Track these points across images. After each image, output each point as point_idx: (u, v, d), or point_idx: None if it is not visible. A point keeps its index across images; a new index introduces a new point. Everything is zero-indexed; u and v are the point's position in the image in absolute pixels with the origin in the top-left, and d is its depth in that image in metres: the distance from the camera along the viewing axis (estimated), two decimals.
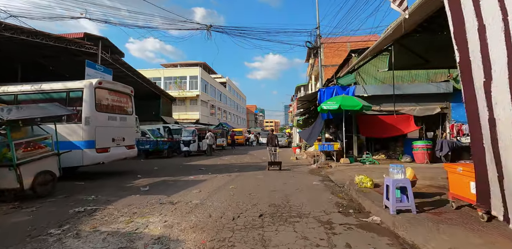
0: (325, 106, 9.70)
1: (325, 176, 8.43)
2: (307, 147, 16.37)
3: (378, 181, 6.51)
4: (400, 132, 10.58)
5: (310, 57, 32.13)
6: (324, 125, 11.44)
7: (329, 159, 11.43)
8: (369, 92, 10.73)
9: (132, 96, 9.62)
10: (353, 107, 9.40)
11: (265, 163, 11.87)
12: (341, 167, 9.61)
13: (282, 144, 25.38)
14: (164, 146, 14.28)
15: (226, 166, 10.90)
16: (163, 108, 28.84)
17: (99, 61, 20.28)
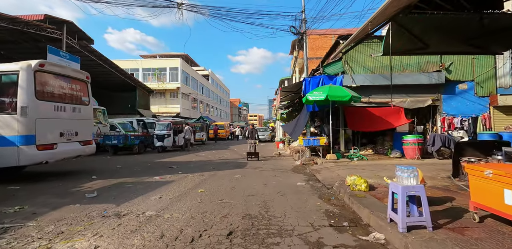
0: (311, 97, 8.70)
1: (310, 175, 7.46)
2: (291, 142, 15.45)
3: (372, 182, 5.59)
4: (390, 126, 9.79)
5: (294, 50, 31.12)
6: (309, 118, 10.47)
7: (315, 155, 10.51)
8: (357, 82, 9.82)
9: (89, 83, 8.15)
10: (341, 98, 8.45)
11: (245, 160, 10.80)
12: (328, 164, 8.69)
13: (265, 138, 24.42)
14: (135, 141, 12.85)
15: (201, 164, 9.73)
16: (139, 100, 27.00)
17: (63, 47, 18.25)
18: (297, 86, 10.71)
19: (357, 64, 10.15)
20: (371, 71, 10.13)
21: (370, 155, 10.72)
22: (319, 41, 27.16)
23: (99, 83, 25.98)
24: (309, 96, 8.74)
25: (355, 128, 10.24)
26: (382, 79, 9.82)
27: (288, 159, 11.23)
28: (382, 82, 9.81)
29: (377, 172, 7.03)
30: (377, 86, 9.92)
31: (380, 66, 10.14)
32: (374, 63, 10.16)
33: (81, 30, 19.00)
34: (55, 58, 17.61)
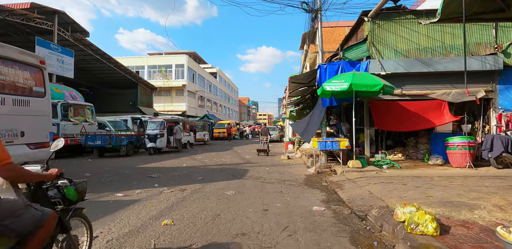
0: (329, 87, 6.61)
1: (330, 191, 5.39)
2: (301, 143, 13.36)
3: (435, 213, 3.47)
4: (430, 125, 7.58)
5: (304, 43, 28.88)
6: (325, 115, 8.37)
7: (332, 160, 8.41)
8: (387, 69, 7.65)
9: (45, 69, 6.33)
10: (369, 88, 6.32)
11: (246, 166, 8.82)
12: (351, 174, 6.59)
13: (274, 138, 22.39)
14: (122, 142, 11.08)
15: (190, 171, 7.78)
16: (141, 98, 25.45)
17: (55, 39, 16.66)
18: (309, 76, 8.65)
19: (386, 47, 7.97)
20: (404, 55, 7.93)
21: (400, 160, 8.54)
22: (332, 34, 24.86)
23: (97, 79, 24.56)
24: (326, 86, 6.65)
25: (383, 127, 8.07)
26: (419, 65, 7.61)
27: (298, 165, 9.16)
28: (419, 69, 7.60)
29: (425, 189, 4.90)
30: (413, 74, 7.72)
31: (416, 49, 7.92)
32: (409, 45, 7.94)
33: (74, 21, 17.39)
34: (44, 51, 16.05)
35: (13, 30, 16.49)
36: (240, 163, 9.61)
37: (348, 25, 22.23)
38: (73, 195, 2.08)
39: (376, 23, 7.92)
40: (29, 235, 1.57)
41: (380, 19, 7.92)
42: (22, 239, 1.57)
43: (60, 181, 1.97)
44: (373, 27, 7.93)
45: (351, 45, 8.23)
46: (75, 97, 12.53)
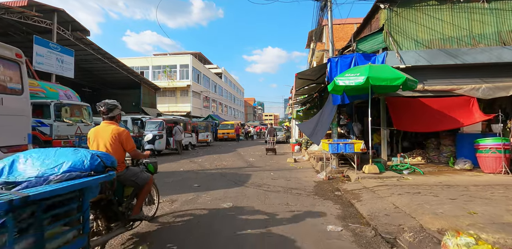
0: (342, 81, 5.75)
1: (345, 204, 4.53)
2: (309, 145, 12.48)
3: (492, 241, 2.58)
4: (457, 124, 6.62)
5: (311, 41, 27.99)
6: (336, 114, 7.50)
7: (344, 164, 7.54)
8: (407, 61, 6.74)
9: (22, 63, 5.63)
10: (390, 82, 5.43)
11: (249, 170, 8.00)
12: (368, 181, 5.71)
13: (279, 139, 21.52)
14: None
15: (186, 177, 6.99)
16: (144, 98, 24.88)
17: (54, 38, 16.14)
18: (318, 71, 7.79)
19: (405, 37, 7.06)
20: (425, 46, 7.01)
21: (421, 164, 7.60)
22: (339, 32, 23.94)
23: (100, 80, 24.11)
24: (338, 80, 5.79)
25: (403, 127, 7.15)
26: (444, 56, 6.68)
27: (306, 169, 8.29)
28: (444, 61, 6.67)
29: (464, 202, 4.00)
30: (436, 67, 6.80)
31: (440, 39, 6.99)
32: (431, 35, 7.02)
33: (74, 19, 16.86)
34: (43, 50, 15.56)
35: (13, 29, 16.06)
36: (242, 167, 8.80)
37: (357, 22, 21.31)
38: (151, 169, 3.45)
39: (394, 10, 7.02)
40: (142, 186, 2.97)
41: (398, 6, 7.03)
42: (139, 189, 2.97)
43: (145, 160, 3.37)
44: (390, 15, 7.03)
45: (366, 36, 7.34)
46: (71, 97, 11.91)
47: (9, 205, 1.36)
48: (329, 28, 7.66)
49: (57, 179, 1.85)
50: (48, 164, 1.94)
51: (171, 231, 3.33)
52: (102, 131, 2.80)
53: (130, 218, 2.86)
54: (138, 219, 2.98)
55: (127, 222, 2.82)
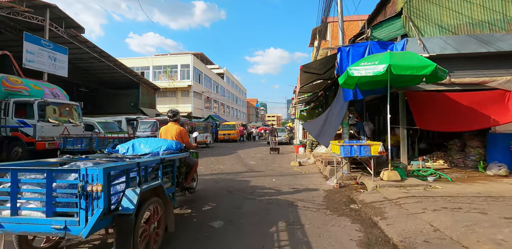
0: (357, 71, 4.78)
1: (366, 222, 3.55)
2: (314, 146, 11.49)
3: None
4: (491, 123, 5.60)
5: (314, 39, 27.07)
6: (347, 111, 6.52)
7: (356, 168, 6.55)
8: (431, 49, 5.75)
9: None
10: (416, 71, 4.45)
11: (248, 175, 7.04)
12: (388, 191, 4.73)
13: (282, 140, 20.52)
14: (108, 145, 9.50)
15: None
16: (143, 98, 24.07)
17: (46, 35, 15.33)
18: (326, 63, 6.83)
19: (428, 22, 6.07)
20: (452, 32, 6.02)
21: (445, 169, 6.59)
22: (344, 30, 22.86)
23: (97, 79, 23.20)
24: (353, 70, 4.83)
25: (428, 126, 6.13)
26: (475, 43, 5.68)
27: (313, 174, 7.31)
28: (475, 49, 5.68)
29: None
30: (465, 56, 5.81)
31: (468, 23, 5.99)
32: (458, 19, 6.03)
33: (68, 16, 16.04)
34: (34, 48, 14.69)
35: (3, 26, 15.31)
36: (241, 171, 7.84)
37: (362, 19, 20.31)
38: (195, 156, 4.62)
39: None
40: (192, 166, 4.17)
41: None
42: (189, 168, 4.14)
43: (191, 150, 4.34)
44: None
45: (381, 22, 6.35)
46: (58, 95, 11.07)
47: (161, 160, 2.90)
48: (339, 14, 6.70)
49: (163, 154, 3.27)
50: (153, 146, 3.35)
51: None
52: (170, 128, 4.17)
53: (185, 186, 4.07)
54: (189, 188, 4.20)
55: (183, 189, 4.05)
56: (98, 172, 1.94)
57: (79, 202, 1.94)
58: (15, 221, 2.01)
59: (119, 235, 2.06)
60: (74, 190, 1.97)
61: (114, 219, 2.08)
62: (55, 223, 1.95)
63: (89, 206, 1.93)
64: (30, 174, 2.17)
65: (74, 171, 2.06)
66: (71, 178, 2.17)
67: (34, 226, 1.99)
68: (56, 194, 2.06)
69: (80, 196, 1.92)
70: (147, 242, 2.42)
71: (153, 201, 2.52)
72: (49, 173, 2.02)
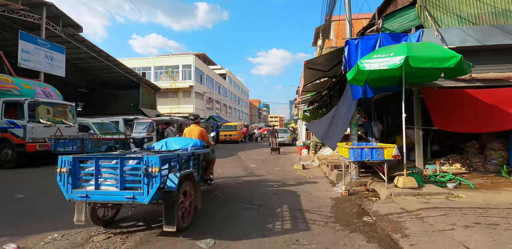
0: (369, 64, 4.21)
1: (384, 240, 2.96)
2: (318, 148, 10.90)
3: None
4: None
5: (318, 38, 26.51)
6: (356, 110, 5.94)
7: (365, 173, 5.97)
8: (450, 42, 5.17)
9: None
10: (438, 63, 3.87)
11: (248, 181, 6.46)
12: (405, 200, 4.15)
13: (284, 141, 19.95)
14: (100, 148, 9.01)
15: None
16: (143, 99, 23.63)
17: (42, 34, 14.94)
18: (332, 58, 6.25)
19: (445, 11, 5.49)
20: (472, 22, 5.43)
21: (464, 174, 5.98)
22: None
23: (97, 80, 22.78)
24: (364, 64, 4.26)
25: (447, 126, 5.52)
26: (500, 34, 5.09)
27: (318, 179, 6.73)
28: (500, 40, 5.09)
29: None
30: (488, 49, 5.22)
31: (491, 13, 5.40)
32: (478, 8, 5.44)
33: (65, 14, 15.65)
34: (29, 47, 14.29)
35: (0, 25, 14.94)
36: (241, 175, 7.27)
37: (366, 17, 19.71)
38: (212, 152, 5.21)
39: None
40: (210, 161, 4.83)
41: None
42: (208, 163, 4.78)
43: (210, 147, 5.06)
44: None
45: (393, 12, 5.78)
46: (50, 95, 10.61)
47: (192, 153, 3.75)
48: (346, 4, 6.12)
49: (191, 149, 4.05)
50: (182, 144, 4.16)
51: None
52: (193, 129, 5.02)
53: (205, 178, 4.74)
54: (207, 179, 4.90)
55: (203, 180, 4.68)
56: (155, 158, 2.72)
57: (142, 179, 2.73)
58: (98, 193, 2.84)
59: (166, 205, 2.86)
60: (139, 171, 2.78)
61: (162, 195, 2.88)
62: (126, 194, 2.74)
63: (149, 182, 2.71)
64: (107, 160, 2.97)
65: (139, 158, 2.84)
66: (135, 163, 2.88)
67: (111, 197, 2.82)
68: (126, 174, 2.85)
69: (143, 175, 2.71)
70: (183, 214, 3.18)
71: (187, 184, 3.31)
72: (121, 159, 2.84)
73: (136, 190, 2.76)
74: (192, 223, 3.40)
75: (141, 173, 2.71)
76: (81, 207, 2.97)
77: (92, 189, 2.86)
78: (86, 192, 2.83)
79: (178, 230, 2.93)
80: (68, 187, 2.86)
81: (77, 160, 2.93)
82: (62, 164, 2.87)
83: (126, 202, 2.76)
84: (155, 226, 3.39)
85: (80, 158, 2.97)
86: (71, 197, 2.86)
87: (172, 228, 2.85)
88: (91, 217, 3.16)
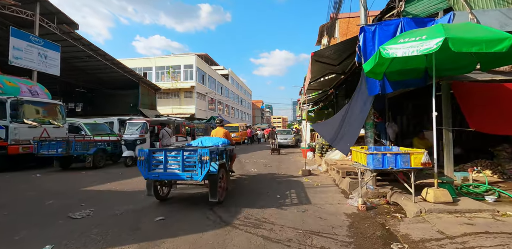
0: (395, 50, 3.36)
1: None
2: (324, 150, 10.04)
3: None
4: None
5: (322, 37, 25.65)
6: (372, 109, 5.08)
7: (381, 181, 5.10)
8: (488, 26, 4.28)
9: None
10: (487, 46, 3.00)
11: (249, 188, 5.62)
12: (440, 220, 3.28)
13: (288, 143, 19.11)
14: (89, 150, 8.24)
15: (148, 203, 4.67)
16: (143, 99, 22.92)
17: (36, 31, 14.30)
18: (344, 48, 5.39)
19: None
20: (509, 2, 4.55)
21: (498, 183, 5.09)
22: (353, 26, 21.44)
23: (96, 79, 22.04)
24: (388, 50, 3.41)
25: (486, 127, 4.59)
26: None
27: (328, 187, 5.87)
28: None
29: None
30: None
31: None
32: None
33: (60, 11, 14.97)
34: (21, 44, 13.58)
35: None
36: (239, 182, 6.43)
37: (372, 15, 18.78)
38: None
39: None
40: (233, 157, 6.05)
41: None
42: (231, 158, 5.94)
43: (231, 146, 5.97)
44: None
45: None
46: (37, 93, 9.89)
47: (224, 149, 5.05)
48: None
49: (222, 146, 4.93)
50: (214, 142, 5.10)
51: None
52: (219, 131, 6.12)
53: (229, 169, 5.71)
54: (231, 171, 6.08)
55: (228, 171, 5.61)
56: (206, 150, 3.87)
57: (197, 164, 3.88)
58: (166, 174, 4.00)
59: (211, 183, 4.07)
60: (194, 159, 3.91)
61: (208, 176, 4.01)
62: (186, 174, 3.91)
63: (202, 166, 3.85)
64: (172, 152, 4.12)
65: (195, 150, 3.98)
66: (192, 154, 3.97)
67: (175, 176, 4.00)
68: (186, 161, 3.97)
69: (197, 162, 3.86)
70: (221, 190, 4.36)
71: (222, 171, 4.39)
72: (182, 151, 3.99)
73: (192, 172, 3.89)
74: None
75: (196, 160, 3.85)
76: (151, 185, 4.19)
77: (161, 171, 4.00)
78: (158, 173, 3.99)
79: (218, 202, 4.18)
80: (145, 170, 3.97)
81: (151, 152, 4.08)
82: (141, 154, 3.97)
83: (185, 180, 3.99)
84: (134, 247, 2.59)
85: (152, 150, 4.16)
86: (148, 177, 4.01)
87: (215, 199, 4.05)
88: (155, 193, 4.32)
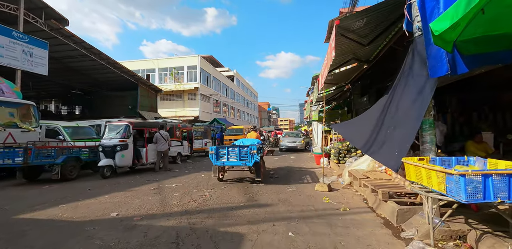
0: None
1: None
2: (342, 156, 8.22)
3: None
4: None
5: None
6: (432, 100, 3.30)
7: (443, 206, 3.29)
8: None
9: None
10: None
11: (245, 218, 3.85)
12: None
13: (297, 147, 17.31)
14: (57, 159, 6.68)
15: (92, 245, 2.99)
16: (142, 101, 21.49)
17: (20, 27, 12.99)
18: (381, 16, 3.68)
19: None
20: None
21: None
22: None
23: (92, 81, 20.46)
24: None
25: None
26: None
27: (359, 213, 4.08)
28: None
29: None
30: None
31: None
32: None
33: (48, 5, 13.60)
34: (3, 40, 12.06)
35: None
36: (235, 205, 4.68)
37: None
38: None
39: None
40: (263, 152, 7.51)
41: None
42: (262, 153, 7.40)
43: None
44: None
45: None
46: (2, 92, 8.43)
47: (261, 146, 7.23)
48: None
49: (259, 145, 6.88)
50: (252, 142, 7.10)
51: None
52: (252, 134, 8.44)
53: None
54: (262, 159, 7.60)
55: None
56: (254, 147, 6.21)
57: (248, 156, 6.20)
58: (228, 162, 6.40)
59: (256, 168, 6.53)
60: (247, 152, 6.22)
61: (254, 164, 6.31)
62: (242, 162, 6.29)
63: (252, 157, 6.17)
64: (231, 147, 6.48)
65: (247, 146, 6.32)
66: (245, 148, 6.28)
67: (234, 163, 6.40)
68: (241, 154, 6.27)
69: (249, 154, 6.19)
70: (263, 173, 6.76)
71: (262, 160, 6.81)
72: (238, 147, 6.35)
73: (245, 160, 6.19)
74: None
75: (248, 153, 6.15)
76: (216, 170, 6.64)
77: (225, 160, 6.32)
78: (223, 162, 6.35)
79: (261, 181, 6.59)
80: (214, 160, 6.32)
81: (218, 148, 6.47)
82: (211, 150, 6.39)
83: (241, 166, 6.63)
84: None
85: (218, 146, 6.58)
86: (216, 164, 6.41)
87: (259, 178, 6.49)
88: (218, 175, 6.75)
